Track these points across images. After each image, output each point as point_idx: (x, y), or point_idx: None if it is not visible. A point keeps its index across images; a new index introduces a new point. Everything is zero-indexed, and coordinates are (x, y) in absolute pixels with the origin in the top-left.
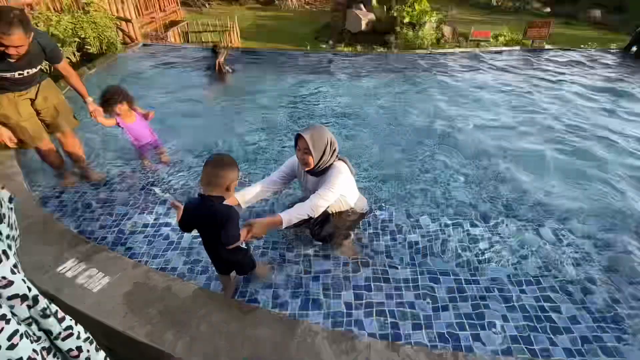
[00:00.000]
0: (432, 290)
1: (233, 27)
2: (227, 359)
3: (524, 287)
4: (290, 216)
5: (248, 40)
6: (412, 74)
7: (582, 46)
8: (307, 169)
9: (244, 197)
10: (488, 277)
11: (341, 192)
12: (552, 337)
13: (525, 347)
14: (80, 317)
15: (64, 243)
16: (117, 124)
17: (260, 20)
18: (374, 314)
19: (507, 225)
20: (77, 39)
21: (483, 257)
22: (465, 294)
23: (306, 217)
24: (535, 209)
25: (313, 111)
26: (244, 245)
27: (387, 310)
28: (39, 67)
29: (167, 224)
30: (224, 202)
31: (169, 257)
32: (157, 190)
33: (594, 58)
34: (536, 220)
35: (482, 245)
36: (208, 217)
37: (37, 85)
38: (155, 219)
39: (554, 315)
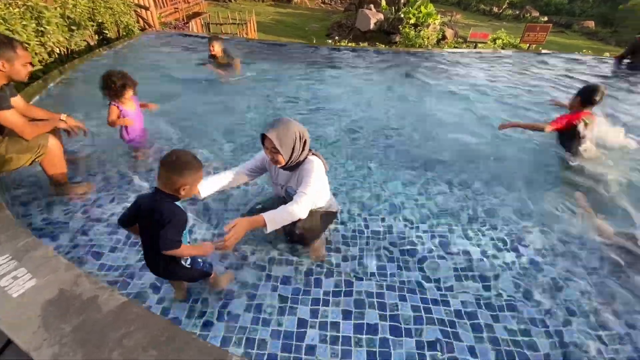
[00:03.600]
0: (396, 308)
1: (251, 21)
2: None
3: (497, 312)
4: (275, 217)
5: (266, 33)
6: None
7: (578, 52)
8: (279, 167)
9: (205, 187)
10: (459, 300)
11: (320, 188)
12: None
13: None
14: None
15: (3, 235)
16: (120, 112)
17: (278, 16)
18: (327, 340)
19: (485, 236)
20: (93, 23)
21: (458, 273)
22: (431, 316)
23: (295, 220)
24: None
25: (303, 96)
26: (186, 264)
27: (341, 336)
28: None
29: None
30: (175, 203)
31: (127, 252)
32: (135, 178)
33: (591, 64)
34: (516, 236)
35: (458, 259)
36: (151, 212)
37: None
38: (122, 209)
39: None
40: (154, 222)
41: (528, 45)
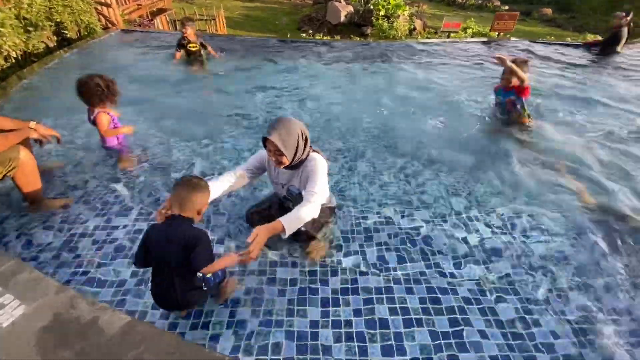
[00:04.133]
0: (404, 301)
1: (219, 16)
2: None
3: (502, 294)
4: (292, 221)
5: (235, 28)
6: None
7: (541, 39)
8: (282, 167)
9: None
10: (465, 287)
11: (326, 186)
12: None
13: None
14: None
15: None
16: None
17: (246, 11)
18: (343, 337)
19: (484, 221)
20: (51, 24)
21: (462, 260)
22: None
23: (309, 220)
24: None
25: (282, 91)
26: (203, 287)
27: (354, 332)
28: None
29: (122, 227)
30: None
31: (118, 267)
32: (118, 188)
33: (563, 50)
34: (508, 217)
35: (461, 247)
36: (171, 239)
37: None
38: (107, 221)
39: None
40: (177, 249)
41: (497, 33)
